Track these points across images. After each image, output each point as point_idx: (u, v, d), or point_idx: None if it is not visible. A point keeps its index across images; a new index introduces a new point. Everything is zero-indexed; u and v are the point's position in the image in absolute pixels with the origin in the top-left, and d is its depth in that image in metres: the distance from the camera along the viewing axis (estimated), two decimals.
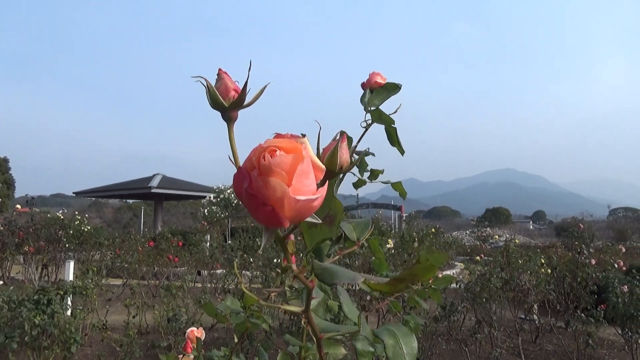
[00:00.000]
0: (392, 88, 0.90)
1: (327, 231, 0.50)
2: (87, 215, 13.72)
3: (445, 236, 13.20)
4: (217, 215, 13.14)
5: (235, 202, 13.08)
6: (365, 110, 0.88)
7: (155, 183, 15.18)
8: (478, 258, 7.96)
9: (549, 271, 5.39)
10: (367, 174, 0.98)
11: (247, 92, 0.50)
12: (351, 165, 0.48)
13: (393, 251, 5.53)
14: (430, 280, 1.14)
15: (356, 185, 1.00)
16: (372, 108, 0.88)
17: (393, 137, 0.90)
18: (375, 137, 0.90)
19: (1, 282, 7.72)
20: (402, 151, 0.92)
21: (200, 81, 0.49)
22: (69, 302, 4.08)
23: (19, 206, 10.33)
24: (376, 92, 0.89)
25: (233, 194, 13.24)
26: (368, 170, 0.98)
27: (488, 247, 14.59)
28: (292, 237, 0.47)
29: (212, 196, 13.78)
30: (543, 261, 5.67)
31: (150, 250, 8.49)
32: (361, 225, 0.68)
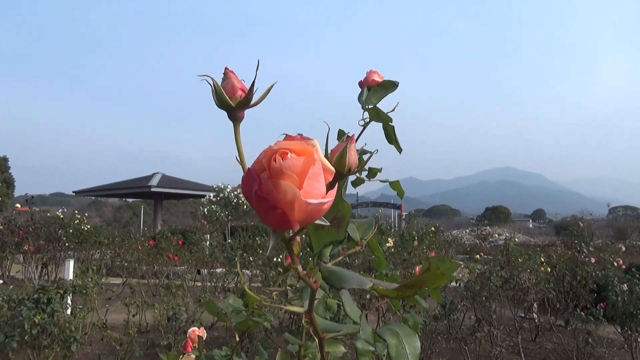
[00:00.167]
0: (390, 86, 0.90)
1: (335, 233, 0.49)
2: (87, 214, 13.69)
3: (444, 235, 13.19)
4: (217, 214, 13.13)
5: (234, 202, 13.07)
6: (362, 108, 0.88)
7: (155, 182, 15.18)
8: (478, 257, 7.96)
9: (549, 270, 5.39)
10: (366, 173, 0.98)
11: (255, 92, 0.49)
12: (360, 166, 0.48)
13: (393, 250, 5.52)
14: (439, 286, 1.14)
15: (354, 183, 1.00)
16: (370, 106, 0.88)
17: (391, 135, 0.90)
18: (373, 136, 0.90)
19: (1, 281, 7.72)
20: (400, 149, 0.92)
21: (206, 80, 0.48)
22: (69, 301, 4.08)
23: (19, 205, 10.31)
24: (373, 90, 0.89)
25: (233, 193, 13.22)
26: (366, 168, 0.97)
27: (488, 246, 14.59)
28: (298, 239, 0.46)
29: (212, 195, 13.78)
30: (543, 260, 5.67)
31: (150, 249, 8.49)
32: (364, 225, 0.68)
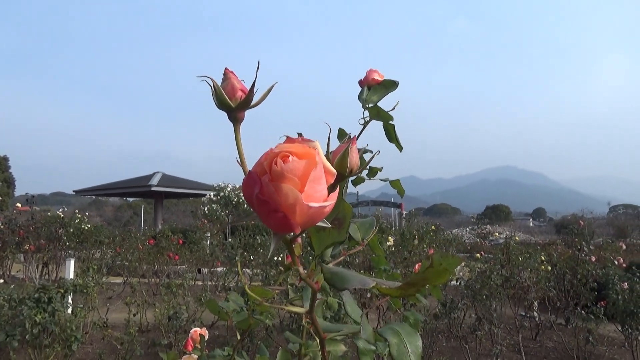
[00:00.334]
0: (390, 85, 0.90)
1: (336, 234, 0.49)
2: (88, 213, 13.70)
3: (445, 233, 13.19)
4: (217, 213, 13.13)
5: (235, 201, 13.07)
6: (363, 107, 0.88)
7: (155, 181, 15.19)
8: (478, 255, 7.96)
9: (549, 268, 5.40)
10: (366, 172, 0.98)
11: (255, 93, 0.49)
12: (361, 168, 0.47)
13: (393, 249, 5.52)
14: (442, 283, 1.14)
15: (355, 182, 1.00)
16: (370, 105, 0.88)
17: (391, 134, 0.90)
18: (373, 135, 0.89)
19: (2, 281, 7.73)
20: (400, 147, 0.92)
21: (205, 81, 0.48)
22: (70, 301, 4.08)
23: (19, 205, 10.32)
24: (374, 89, 0.89)
25: (233, 192, 13.22)
26: (367, 167, 0.97)
27: (488, 245, 14.59)
28: (299, 240, 0.46)
29: (212, 194, 13.78)
30: (543, 258, 5.68)
31: (150, 248, 8.50)
32: (366, 225, 0.68)
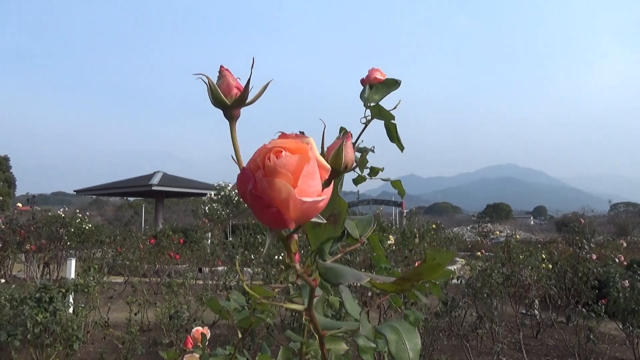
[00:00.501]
0: (392, 84, 0.89)
1: (332, 230, 0.49)
2: (88, 213, 13.73)
3: (446, 232, 13.20)
4: (218, 212, 13.14)
5: (235, 200, 13.08)
6: (365, 106, 0.88)
7: (156, 181, 15.20)
8: (479, 254, 7.96)
9: (550, 266, 5.39)
10: (367, 171, 0.98)
11: (250, 90, 0.49)
12: (361, 165, 0.48)
13: (394, 247, 5.52)
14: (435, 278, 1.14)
15: (356, 181, 1.00)
16: (372, 104, 0.88)
17: (393, 133, 0.90)
18: (374, 134, 0.89)
19: (3, 281, 7.74)
20: (402, 147, 0.92)
21: (201, 79, 0.48)
22: (71, 300, 4.09)
23: (20, 204, 10.33)
24: (376, 88, 0.89)
25: (234, 192, 13.23)
26: (368, 167, 0.98)
27: (489, 243, 14.59)
28: (296, 237, 0.46)
29: (213, 193, 13.79)
30: (544, 256, 5.67)
31: (151, 247, 8.51)
32: (364, 222, 0.68)
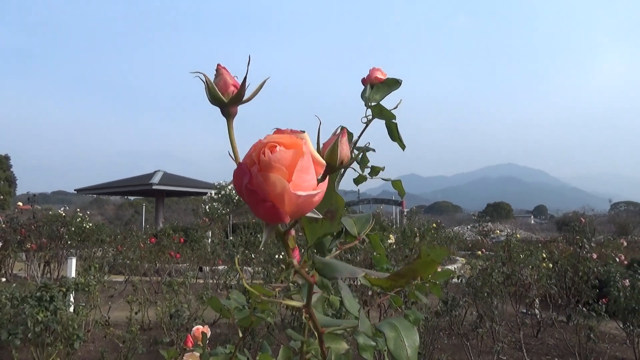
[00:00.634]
0: (393, 83, 0.90)
1: (329, 226, 0.49)
2: (89, 212, 13.75)
3: (446, 231, 13.21)
4: (219, 211, 13.16)
5: (236, 199, 13.10)
6: (366, 105, 0.88)
7: (156, 180, 15.21)
8: (479, 253, 7.97)
9: (551, 266, 5.40)
10: (368, 170, 0.98)
11: (247, 87, 0.49)
12: (351, 160, 0.48)
13: (394, 246, 5.53)
14: (430, 274, 1.15)
15: (357, 181, 1.00)
16: (373, 103, 0.88)
17: (394, 133, 0.90)
18: (375, 133, 0.90)
19: (4, 280, 7.74)
20: (403, 146, 0.92)
21: (199, 77, 0.49)
22: (72, 299, 4.09)
23: (21, 203, 10.34)
24: (377, 88, 0.89)
25: (234, 191, 13.25)
26: (369, 166, 0.98)
27: (489, 242, 14.60)
28: (293, 233, 0.46)
29: (213, 192, 13.81)
30: (544, 256, 5.68)
31: (151, 246, 8.52)
32: (362, 220, 0.68)
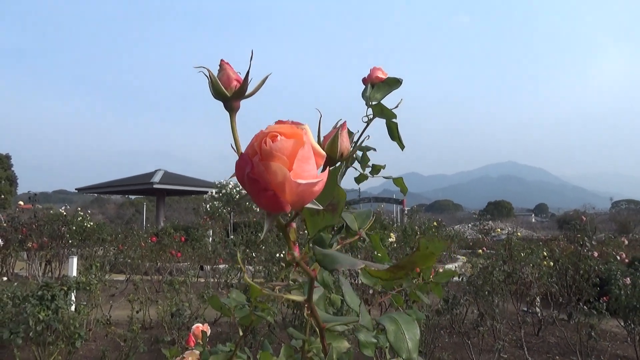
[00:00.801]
0: (393, 83, 0.90)
1: (330, 218, 0.50)
2: (90, 211, 13.77)
3: (447, 230, 13.21)
4: (219, 210, 13.17)
5: (237, 198, 13.11)
6: (366, 104, 0.89)
7: (157, 179, 15.22)
8: (480, 251, 7.97)
9: (552, 264, 5.40)
10: (369, 169, 0.99)
11: (249, 82, 0.50)
12: (352, 152, 0.48)
13: (395, 245, 5.54)
14: (431, 273, 1.15)
15: (358, 180, 1.00)
16: (374, 103, 0.88)
17: (394, 132, 0.90)
18: (376, 132, 0.90)
19: (5, 279, 7.76)
20: (402, 146, 0.92)
21: (202, 72, 0.49)
22: (73, 298, 4.10)
23: (22, 203, 10.36)
24: (377, 87, 0.89)
25: (235, 190, 13.25)
26: (370, 165, 0.98)
27: (490, 241, 14.61)
28: (294, 225, 0.47)
29: (214, 191, 13.82)
30: (545, 254, 5.68)
31: (153, 245, 8.53)
32: (362, 215, 0.69)
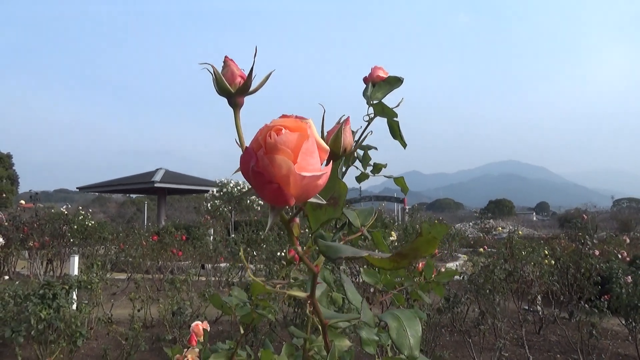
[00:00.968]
0: (394, 82, 0.90)
1: (332, 212, 0.50)
2: (91, 210, 13.78)
3: (448, 228, 13.19)
4: (220, 209, 13.18)
5: (237, 194, 13.12)
6: (367, 103, 0.89)
7: (158, 177, 15.23)
8: (481, 250, 7.97)
9: (553, 262, 5.40)
10: (370, 168, 0.99)
11: (253, 79, 0.50)
12: (354, 147, 0.48)
13: (396, 244, 5.54)
14: (433, 272, 1.16)
15: (359, 178, 1.01)
16: (375, 101, 0.88)
17: (395, 130, 0.91)
18: (377, 131, 0.90)
19: (7, 277, 7.77)
20: (404, 144, 0.93)
21: (206, 70, 0.50)
22: (74, 297, 4.10)
23: (23, 202, 10.36)
24: (378, 86, 0.89)
25: (236, 188, 13.26)
26: (371, 164, 0.98)
27: (491, 239, 14.59)
28: (297, 220, 0.47)
29: (215, 190, 13.83)
30: (547, 252, 5.68)
31: (154, 244, 8.54)
32: (365, 212, 0.69)
